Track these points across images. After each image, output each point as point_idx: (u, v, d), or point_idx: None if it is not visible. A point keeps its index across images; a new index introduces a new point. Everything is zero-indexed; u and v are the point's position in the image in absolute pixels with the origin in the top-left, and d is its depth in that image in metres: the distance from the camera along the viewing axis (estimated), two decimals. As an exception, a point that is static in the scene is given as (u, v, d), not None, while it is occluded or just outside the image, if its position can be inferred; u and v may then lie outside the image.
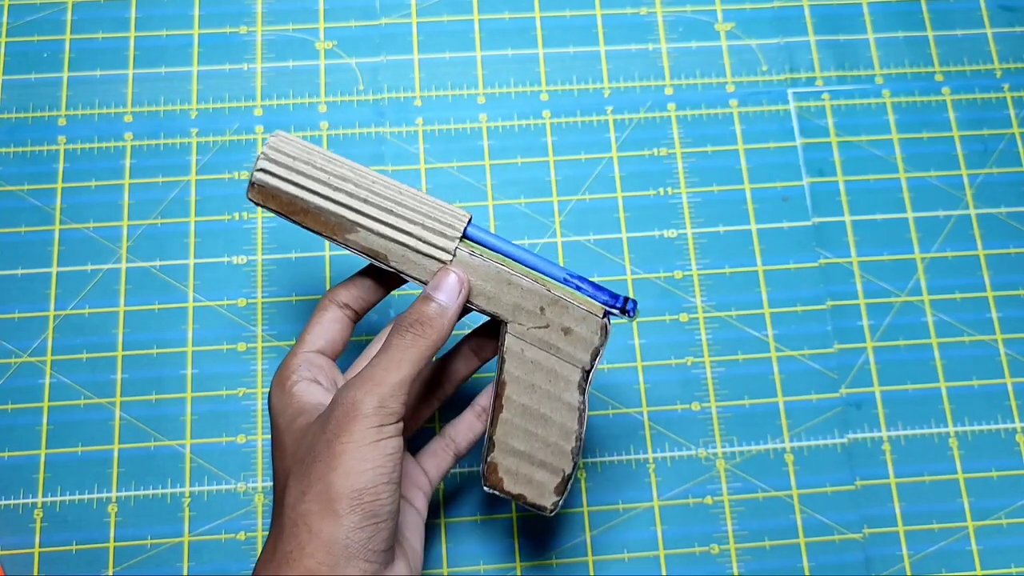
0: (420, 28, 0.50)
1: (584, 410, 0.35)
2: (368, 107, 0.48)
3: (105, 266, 0.46)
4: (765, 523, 0.43)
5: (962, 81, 0.50)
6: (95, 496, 0.43)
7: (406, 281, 0.36)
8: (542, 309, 0.35)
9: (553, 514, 0.36)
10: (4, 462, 0.43)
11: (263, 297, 0.45)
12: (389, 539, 0.31)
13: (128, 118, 0.48)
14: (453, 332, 0.35)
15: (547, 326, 0.35)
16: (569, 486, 0.35)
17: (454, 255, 0.35)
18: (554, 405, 0.35)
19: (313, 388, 0.34)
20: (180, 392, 0.44)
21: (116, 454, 0.43)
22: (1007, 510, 0.44)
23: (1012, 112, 0.50)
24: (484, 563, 0.42)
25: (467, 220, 0.35)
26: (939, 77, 0.50)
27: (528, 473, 0.35)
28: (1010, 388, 0.45)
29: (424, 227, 0.35)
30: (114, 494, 0.43)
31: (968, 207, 0.48)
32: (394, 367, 0.32)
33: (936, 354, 0.46)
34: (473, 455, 0.44)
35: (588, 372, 0.35)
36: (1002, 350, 0.46)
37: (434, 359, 0.36)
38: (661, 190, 0.48)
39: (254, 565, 0.41)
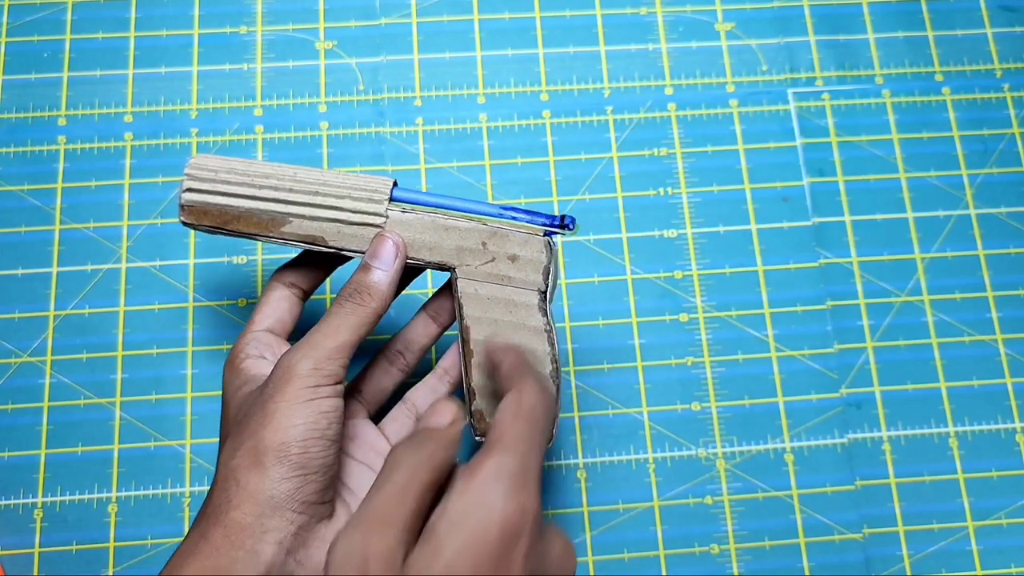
0: (420, 28, 0.50)
1: (551, 331, 0.35)
2: (368, 107, 0.48)
3: (105, 266, 0.46)
4: (765, 523, 0.43)
5: (962, 81, 0.50)
6: (95, 496, 0.43)
7: (350, 258, 0.36)
8: (484, 244, 0.35)
9: (551, 444, 0.35)
10: (4, 462, 0.43)
11: (263, 297, 0.46)
12: (321, 492, 0.31)
13: (128, 118, 0.48)
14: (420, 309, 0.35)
15: (493, 259, 0.35)
16: (558, 414, 0.35)
17: (386, 217, 0.35)
18: (521, 334, 0.35)
19: (260, 363, 0.35)
20: (180, 392, 0.44)
21: (116, 454, 0.43)
22: (1007, 510, 0.44)
23: (1012, 112, 0.50)
24: (484, 563, 0.42)
25: (392, 183, 0.36)
26: (939, 77, 0.50)
27: None
28: (1010, 388, 0.45)
29: (352, 199, 0.35)
30: (114, 494, 0.43)
31: (968, 207, 0.48)
32: (332, 332, 0.33)
33: (936, 354, 0.46)
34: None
35: (545, 292, 0.35)
36: (1002, 350, 0.46)
37: (386, 329, 0.36)
38: (661, 190, 0.48)
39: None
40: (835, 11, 0.51)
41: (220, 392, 0.44)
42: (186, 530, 0.42)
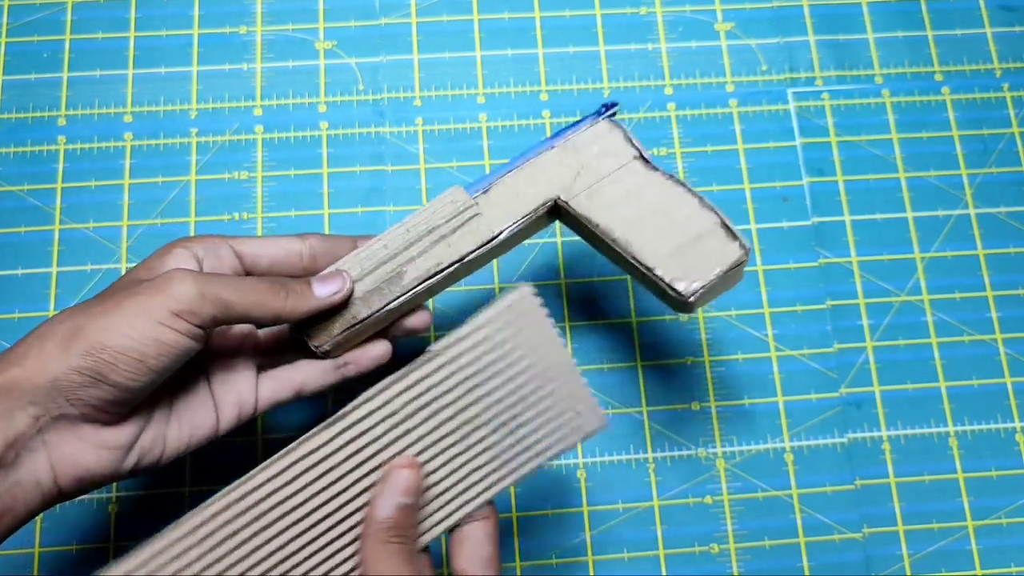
0: (420, 28, 0.50)
1: (676, 177, 0.35)
2: (368, 107, 0.48)
3: (105, 266, 0.46)
4: (765, 523, 0.43)
5: (962, 81, 0.50)
6: (95, 496, 0.43)
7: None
8: (564, 164, 0.36)
9: (745, 259, 0.35)
10: (4, 462, 0.43)
11: (263, 297, 0.45)
12: (109, 404, 0.30)
13: (128, 118, 0.48)
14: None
15: (581, 168, 0.36)
16: (734, 228, 0.35)
17: (477, 203, 0.36)
18: (654, 199, 0.35)
19: (189, 263, 0.33)
20: (180, 392, 0.44)
21: (116, 454, 0.43)
22: (1007, 510, 0.44)
23: (1012, 112, 0.50)
24: (484, 563, 0.42)
25: (460, 188, 0.36)
26: (939, 77, 0.50)
27: (700, 251, 0.35)
28: (1010, 388, 0.46)
29: (440, 215, 0.35)
30: (114, 494, 0.43)
31: (968, 207, 0.48)
32: (237, 287, 0.31)
33: (936, 354, 0.46)
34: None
35: (641, 156, 0.36)
36: (1002, 350, 0.46)
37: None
38: (661, 190, 0.48)
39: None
40: (835, 11, 0.51)
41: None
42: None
